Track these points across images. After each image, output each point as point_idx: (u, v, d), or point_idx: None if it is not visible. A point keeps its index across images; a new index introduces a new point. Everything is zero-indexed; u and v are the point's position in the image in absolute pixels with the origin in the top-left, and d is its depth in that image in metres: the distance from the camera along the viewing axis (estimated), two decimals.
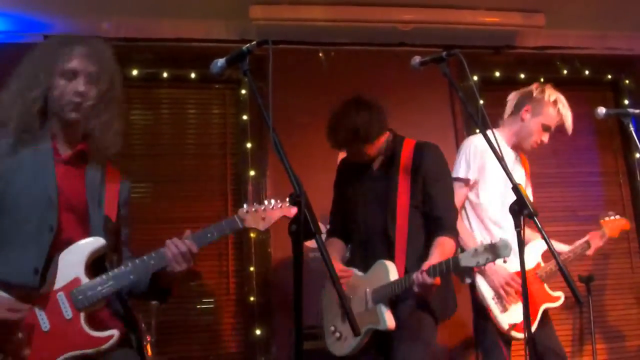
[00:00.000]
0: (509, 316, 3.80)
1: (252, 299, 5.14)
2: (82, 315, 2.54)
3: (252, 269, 5.19)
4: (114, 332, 2.56)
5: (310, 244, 2.21)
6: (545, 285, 4.01)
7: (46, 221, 2.59)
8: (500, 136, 4.12)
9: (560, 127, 4.14)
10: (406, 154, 3.65)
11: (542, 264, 4.06)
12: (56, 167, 2.70)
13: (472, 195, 4.05)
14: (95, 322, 2.59)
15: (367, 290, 3.49)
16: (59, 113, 2.72)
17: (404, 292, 3.34)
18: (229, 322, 5.22)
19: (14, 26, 5.19)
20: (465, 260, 3.14)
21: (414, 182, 3.58)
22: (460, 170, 4.00)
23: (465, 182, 3.99)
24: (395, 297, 3.42)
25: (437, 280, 3.18)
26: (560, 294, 4.03)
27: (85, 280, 2.58)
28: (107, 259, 2.74)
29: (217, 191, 5.40)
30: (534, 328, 3.84)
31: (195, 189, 5.34)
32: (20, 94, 2.69)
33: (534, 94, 4.15)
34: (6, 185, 2.61)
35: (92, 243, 2.64)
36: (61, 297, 2.54)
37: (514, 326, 3.76)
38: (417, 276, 3.20)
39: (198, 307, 5.19)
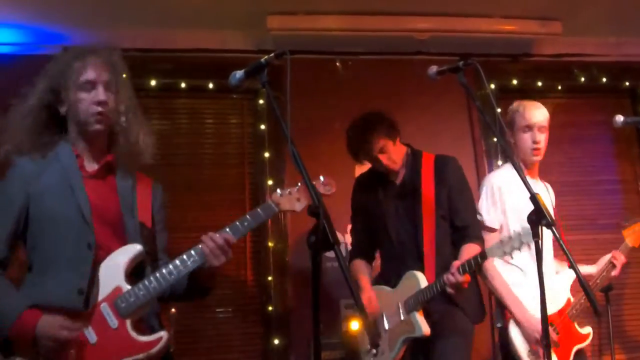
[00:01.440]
0: None
1: (270, 308, 5.15)
2: (127, 322, 2.56)
3: (270, 278, 5.19)
4: (163, 334, 2.60)
5: (328, 253, 2.21)
6: (575, 324, 3.95)
7: (84, 239, 2.62)
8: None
9: (526, 116, 4.00)
10: (428, 167, 3.76)
11: (572, 299, 3.99)
12: (85, 184, 2.71)
13: None
14: (141, 328, 2.61)
15: (399, 302, 3.61)
16: (83, 126, 2.75)
17: (435, 296, 3.47)
18: (247, 331, 5.22)
19: (32, 38, 5.24)
20: (492, 252, 3.30)
21: (438, 193, 3.71)
22: (485, 217, 3.90)
23: (491, 230, 3.88)
24: (427, 304, 3.53)
25: (467, 277, 3.34)
26: (589, 330, 3.97)
27: (126, 287, 2.59)
28: (147, 265, 2.76)
29: (235, 200, 5.41)
30: None
31: (213, 198, 5.35)
32: (31, 112, 2.74)
33: (509, 113, 4.12)
34: (38, 206, 2.64)
35: (129, 250, 2.66)
36: (105, 308, 2.56)
37: None
38: (447, 277, 3.34)
39: (216, 316, 5.20)
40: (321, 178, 2.85)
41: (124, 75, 2.87)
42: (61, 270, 2.57)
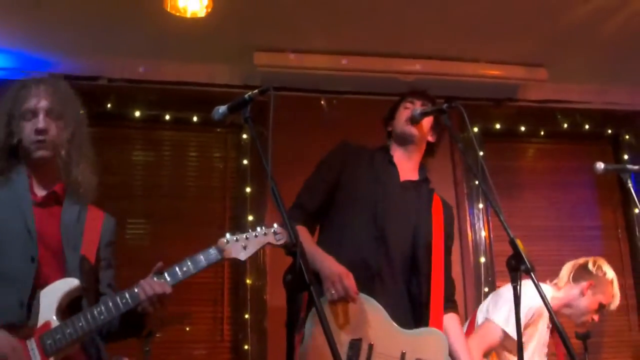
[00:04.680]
0: None
1: (246, 347, 5.08)
2: None
3: (247, 316, 5.14)
4: None
5: None
6: None
7: (27, 253, 2.57)
8: (552, 297, 4.01)
9: (607, 306, 4.07)
10: (437, 200, 3.44)
11: None
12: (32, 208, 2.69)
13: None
14: None
15: (407, 352, 2.98)
16: (28, 155, 2.73)
17: None
18: None
19: (19, 63, 5.23)
20: None
21: (444, 235, 3.34)
22: (502, 321, 3.72)
23: (505, 335, 3.75)
24: None
25: None
26: None
27: (55, 323, 2.50)
28: (83, 301, 2.66)
29: (215, 234, 5.24)
30: None
31: (193, 231, 5.31)
32: None
33: (594, 271, 4.05)
34: None
35: (65, 284, 2.57)
36: (31, 343, 2.45)
37: None
38: None
39: (192, 353, 5.13)
40: (275, 226, 2.66)
41: (73, 106, 2.86)
42: (3, 284, 2.52)
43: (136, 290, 2.56)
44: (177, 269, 2.64)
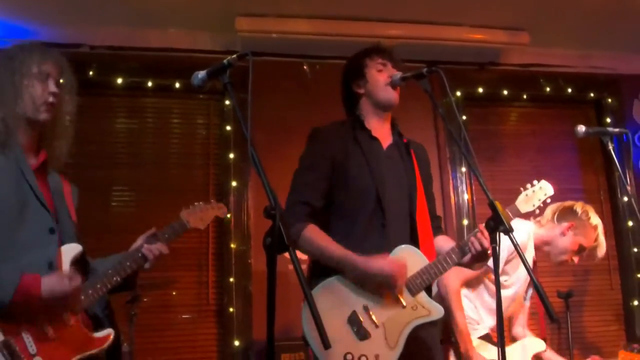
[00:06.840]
0: None
1: (231, 309, 5.14)
2: (79, 319, 2.63)
3: (232, 279, 5.18)
4: (110, 331, 2.71)
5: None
6: None
7: (45, 225, 2.68)
8: (535, 233, 4.12)
9: (591, 251, 4.15)
10: (412, 149, 3.46)
11: None
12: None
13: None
14: (88, 324, 2.68)
15: None
16: (30, 116, 2.74)
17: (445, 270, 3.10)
18: (208, 333, 5.21)
19: (0, 32, 5.18)
20: (524, 207, 3.33)
21: (422, 175, 3.39)
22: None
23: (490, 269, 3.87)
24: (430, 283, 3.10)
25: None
26: None
27: None
28: (87, 261, 2.85)
29: (199, 200, 5.37)
30: None
31: (177, 198, 5.27)
32: None
33: (579, 213, 4.14)
34: None
35: (72, 249, 2.71)
36: None
37: None
38: (476, 237, 2.98)
39: (177, 316, 5.18)
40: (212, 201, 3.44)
41: (74, 84, 2.95)
42: (24, 251, 2.57)
43: (134, 251, 2.96)
44: (159, 234, 3.13)
